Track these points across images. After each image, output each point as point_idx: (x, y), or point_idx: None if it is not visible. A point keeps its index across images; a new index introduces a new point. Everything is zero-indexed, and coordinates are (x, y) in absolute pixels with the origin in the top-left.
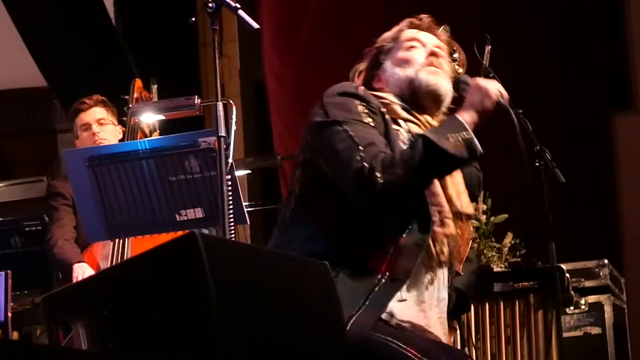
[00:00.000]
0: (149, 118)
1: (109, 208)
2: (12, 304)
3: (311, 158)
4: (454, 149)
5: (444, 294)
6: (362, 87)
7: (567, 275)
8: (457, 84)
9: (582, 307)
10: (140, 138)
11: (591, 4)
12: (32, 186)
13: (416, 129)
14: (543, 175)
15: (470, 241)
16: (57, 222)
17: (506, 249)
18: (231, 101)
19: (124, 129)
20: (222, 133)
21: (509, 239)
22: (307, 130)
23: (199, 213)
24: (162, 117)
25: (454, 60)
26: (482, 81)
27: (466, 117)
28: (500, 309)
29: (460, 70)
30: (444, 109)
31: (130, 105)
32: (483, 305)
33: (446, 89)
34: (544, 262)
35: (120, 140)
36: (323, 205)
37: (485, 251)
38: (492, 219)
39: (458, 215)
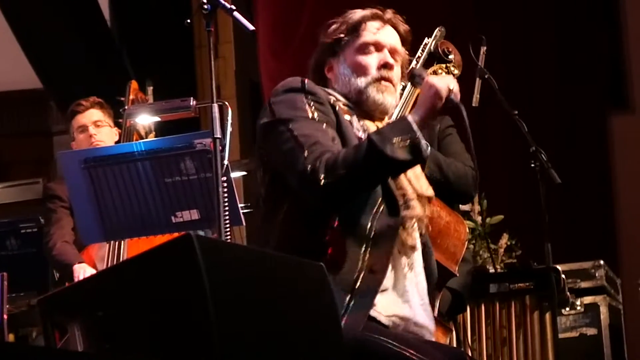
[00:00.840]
0: (145, 119)
1: (105, 210)
2: (7, 306)
3: (268, 159)
4: (398, 153)
5: (422, 277)
6: (308, 80)
7: (563, 276)
8: (413, 77)
9: (578, 308)
10: (136, 140)
11: (589, 5)
12: (27, 188)
13: (362, 120)
14: (539, 176)
15: (466, 242)
16: (55, 224)
17: (502, 250)
18: (227, 102)
19: (120, 130)
20: (218, 134)
21: (504, 240)
22: (257, 131)
23: (194, 215)
24: (157, 118)
25: (449, 61)
26: (433, 78)
27: (415, 116)
28: (496, 310)
29: (456, 71)
30: (387, 119)
31: (126, 107)
32: (479, 306)
33: (391, 105)
34: (540, 263)
35: (116, 142)
36: (289, 205)
37: (481, 252)
38: (487, 220)
39: (421, 197)
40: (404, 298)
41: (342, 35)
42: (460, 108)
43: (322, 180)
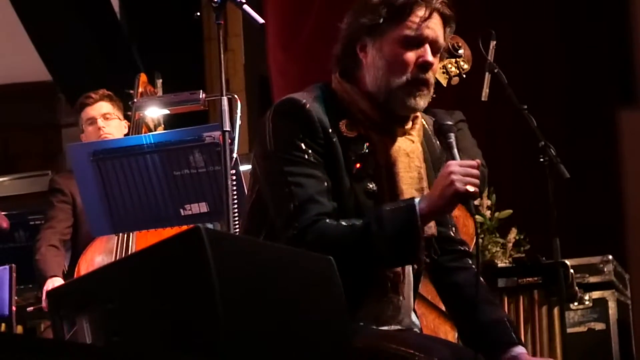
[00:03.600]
0: (154, 112)
1: (114, 202)
2: (16, 298)
3: (259, 178)
4: (393, 258)
5: (410, 299)
6: (309, 104)
7: (572, 271)
8: (440, 131)
9: (586, 302)
10: (144, 132)
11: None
12: (36, 180)
13: (374, 136)
14: (547, 171)
15: (472, 237)
16: (47, 223)
17: (510, 245)
18: (236, 96)
19: (129, 123)
20: (227, 127)
21: (513, 235)
22: (255, 148)
23: (203, 207)
24: (166, 111)
25: (459, 56)
26: (455, 173)
27: (425, 206)
28: (504, 304)
29: (466, 66)
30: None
31: (135, 100)
32: None
33: (420, 108)
34: (548, 257)
35: (125, 135)
36: (266, 232)
37: (489, 247)
38: (496, 214)
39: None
40: (392, 323)
41: (382, 19)
42: (474, 218)
43: (307, 244)
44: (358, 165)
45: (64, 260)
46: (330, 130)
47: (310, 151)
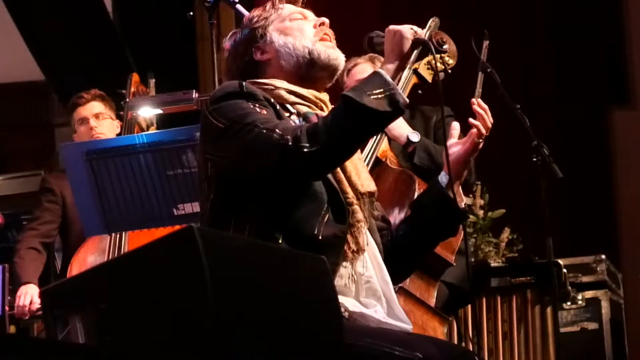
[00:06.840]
0: (147, 112)
1: (107, 202)
2: (9, 298)
3: (215, 174)
4: (375, 104)
5: (381, 272)
6: (244, 82)
7: (565, 270)
8: (371, 40)
9: (579, 302)
10: (137, 132)
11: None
12: (29, 180)
13: (305, 110)
14: (540, 170)
15: (462, 231)
16: (31, 223)
17: (503, 244)
18: None
19: (121, 123)
20: None
21: (506, 234)
22: (202, 148)
23: (196, 207)
24: (159, 111)
25: (444, 52)
26: (393, 26)
27: (388, 66)
28: (497, 304)
29: (451, 61)
30: (333, 81)
31: (127, 100)
32: (480, 300)
33: (342, 62)
34: (541, 257)
35: (117, 135)
36: (235, 220)
37: (482, 246)
38: (489, 214)
39: (361, 197)
40: (371, 299)
41: (264, 16)
42: (428, 43)
43: (306, 149)
44: None
45: (42, 263)
46: (272, 101)
47: (263, 110)
